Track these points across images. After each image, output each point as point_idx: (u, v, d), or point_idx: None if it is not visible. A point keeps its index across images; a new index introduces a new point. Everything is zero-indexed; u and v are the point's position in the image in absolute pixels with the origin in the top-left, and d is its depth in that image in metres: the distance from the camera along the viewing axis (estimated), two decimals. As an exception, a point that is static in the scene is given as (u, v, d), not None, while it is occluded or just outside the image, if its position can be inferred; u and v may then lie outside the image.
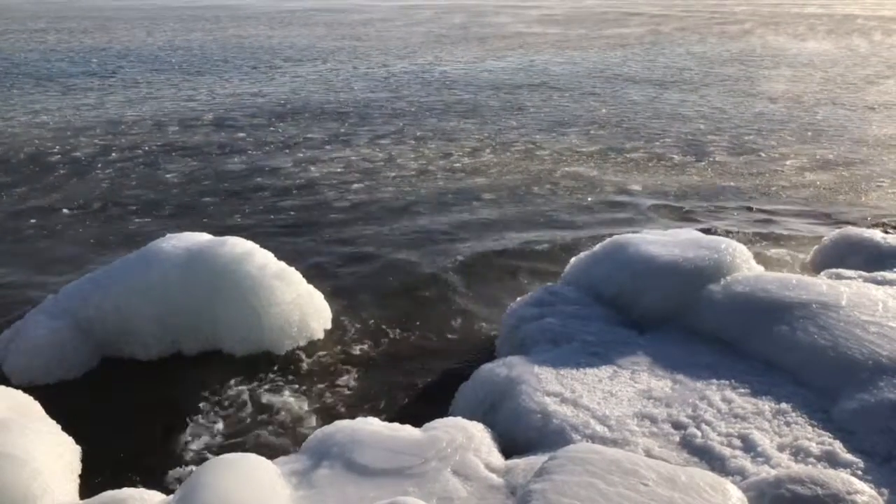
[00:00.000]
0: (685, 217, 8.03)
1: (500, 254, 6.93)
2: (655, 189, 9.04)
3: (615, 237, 5.39)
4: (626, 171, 9.83)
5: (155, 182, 9.16)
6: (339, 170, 9.83)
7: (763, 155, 10.69)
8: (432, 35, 29.73)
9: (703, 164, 10.24)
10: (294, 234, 7.44)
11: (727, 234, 7.12)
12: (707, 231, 6.74)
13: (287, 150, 10.96)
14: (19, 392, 3.81)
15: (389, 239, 7.34)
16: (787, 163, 10.27)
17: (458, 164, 10.11)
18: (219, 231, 5.62)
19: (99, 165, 9.94)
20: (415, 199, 8.57)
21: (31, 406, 3.75)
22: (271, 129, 12.48)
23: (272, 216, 7.92)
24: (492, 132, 12.19)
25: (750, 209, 8.27)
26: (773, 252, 6.75)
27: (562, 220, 7.92)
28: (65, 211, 7.96)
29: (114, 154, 10.57)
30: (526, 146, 11.20)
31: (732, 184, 9.28)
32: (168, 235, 5.20)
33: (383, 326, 5.45)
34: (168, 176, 9.45)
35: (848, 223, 7.45)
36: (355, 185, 9.07)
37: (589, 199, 8.65)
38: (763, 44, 26.06)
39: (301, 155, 10.67)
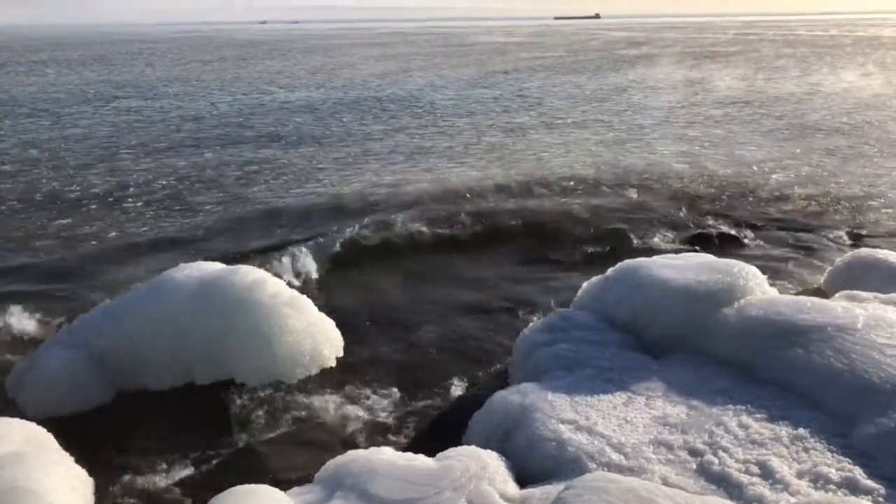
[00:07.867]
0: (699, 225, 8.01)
1: (511, 280, 6.92)
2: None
3: (626, 261, 5.35)
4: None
5: (168, 212, 9.22)
6: (355, 198, 9.86)
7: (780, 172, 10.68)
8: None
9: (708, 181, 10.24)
10: (303, 260, 7.44)
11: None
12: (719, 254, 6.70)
13: (306, 175, 11.04)
14: (33, 424, 3.82)
15: (401, 268, 7.34)
16: (805, 181, 10.25)
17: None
18: (230, 259, 5.64)
19: (109, 196, 10.02)
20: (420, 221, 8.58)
21: (44, 438, 3.75)
22: (285, 154, 12.59)
23: (285, 243, 7.93)
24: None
25: (768, 230, 8.24)
26: (787, 273, 6.70)
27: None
28: (80, 242, 8.02)
29: (124, 182, 10.68)
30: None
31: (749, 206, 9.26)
32: (180, 265, 5.23)
33: (395, 354, 5.43)
34: (179, 206, 9.52)
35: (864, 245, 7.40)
36: (365, 212, 9.09)
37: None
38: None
39: (322, 178, 10.75)
